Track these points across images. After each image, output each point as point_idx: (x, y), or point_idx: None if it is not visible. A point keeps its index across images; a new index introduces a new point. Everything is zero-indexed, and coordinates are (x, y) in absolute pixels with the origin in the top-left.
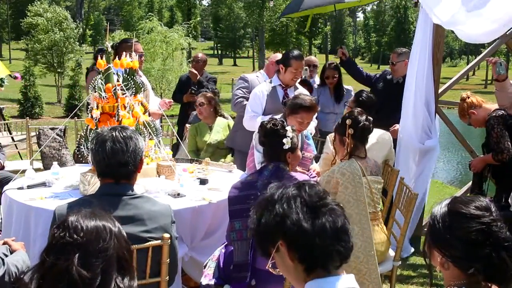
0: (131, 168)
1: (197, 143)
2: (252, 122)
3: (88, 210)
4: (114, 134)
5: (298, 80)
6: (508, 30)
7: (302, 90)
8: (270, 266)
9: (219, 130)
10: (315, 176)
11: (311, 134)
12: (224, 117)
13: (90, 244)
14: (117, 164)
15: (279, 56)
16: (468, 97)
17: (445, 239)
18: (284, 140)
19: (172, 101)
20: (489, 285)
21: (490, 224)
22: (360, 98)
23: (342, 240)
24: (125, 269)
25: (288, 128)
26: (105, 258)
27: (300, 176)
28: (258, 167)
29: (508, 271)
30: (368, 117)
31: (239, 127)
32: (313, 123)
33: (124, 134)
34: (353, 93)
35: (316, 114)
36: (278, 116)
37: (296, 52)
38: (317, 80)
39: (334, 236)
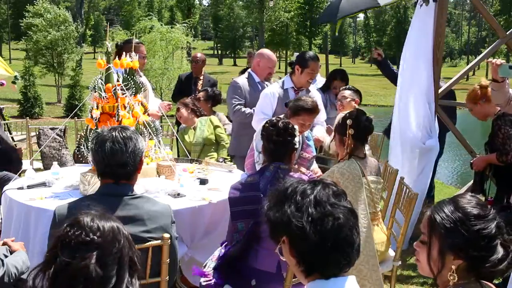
0: (130, 168)
1: (185, 146)
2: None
3: (99, 211)
4: (113, 134)
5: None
6: (508, 31)
7: (315, 93)
8: (277, 251)
9: (202, 128)
10: (313, 177)
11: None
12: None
13: (107, 244)
14: (116, 165)
15: (266, 53)
16: (487, 87)
17: (470, 242)
18: (296, 139)
19: (171, 103)
20: (485, 283)
21: (496, 217)
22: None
23: (343, 252)
24: (133, 270)
25: (296, 127)
26: (120, 259)
27: (300, 177)
28: (258, 167)
29: (509, 254)
30: (369, 117)
31: (240, 133)
32: (322, 128)
33: (124, 134)
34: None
35: (325, 118)
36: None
37: (312, 53)
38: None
39: (335, 247)
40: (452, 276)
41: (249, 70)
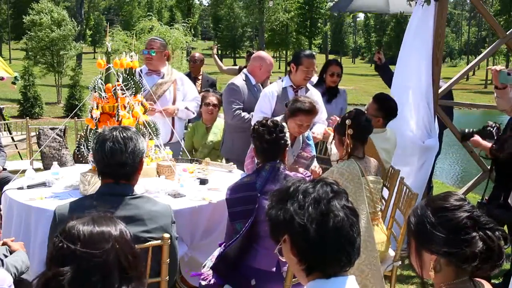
0: (129, 168)
1: (193, 143)
2: None
3: (88, 215)
4: (114, 134)
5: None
6: (508, 31)
7: (314, 92)
8: (277, 251)
9: (217, 132)
10: (310, 176)
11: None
12: None
13: (86, 254)
14: (115, 164)
15: (266, 57)
16: None
17: (436, 237)
18: (287, 135)
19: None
20: (478, 281)
21: (472, 211)
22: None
23: (344, 250)
24: (130, 275)
25: (284, 124)
26: (105, 268)
27: (296, 175)
28: None
29: (496, 250)
30: (368, 117)
31: (233, 136)
32: (323, 125)
33: (124, 134)
34: (345, 94)
35: (326, 117)
36: (279, 118)
37: (307, 51)
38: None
39: (336, 245)
40: (431, 272)
41: (245, 71)
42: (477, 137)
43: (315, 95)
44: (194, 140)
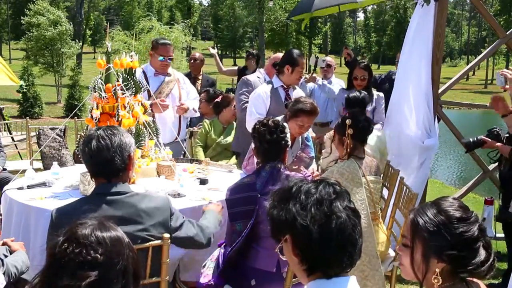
0: (118, 164)
1: (207, 139)
2: None
3: (95, 220)
4: (98, 133)
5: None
6: (508, 31)
7: (299, 92)
8: (278, 250)
9: (230, 132)
10: (309, 176)
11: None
12: None
13: (111, 260)
14: (103, 162)
15: (277, 55)
16: None
17: (451, 246)
18: (287, 136)
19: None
20: (470, 281)
21: (480, 221)
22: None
23: (346, 251)
24: (137, 281)
25: (285, 124)
26: (125, 274)
27: (296, 176)
28: None
29: (492, 254)
30: (368, 117)
31: (244, 130)
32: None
33: (108, 131)
34: (383, 101)
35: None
36: (279, 118)
37: (298, 51)
38: (334, 80)
39: (339, 246)
40: (436, 279)
41: (261, 70)
42: (492, 142)
43: (299, 93)
44: (208, 136)
